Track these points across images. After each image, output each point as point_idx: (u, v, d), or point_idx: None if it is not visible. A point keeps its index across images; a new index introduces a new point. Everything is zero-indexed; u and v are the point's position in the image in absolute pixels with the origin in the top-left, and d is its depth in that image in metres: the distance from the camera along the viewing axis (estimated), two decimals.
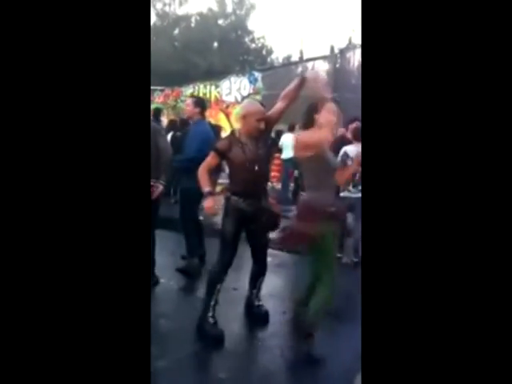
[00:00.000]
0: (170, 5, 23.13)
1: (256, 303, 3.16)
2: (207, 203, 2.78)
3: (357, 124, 5.22)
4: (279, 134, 8.84)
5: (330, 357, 2.45)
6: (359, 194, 4.52)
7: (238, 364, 2.56)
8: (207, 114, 8.41)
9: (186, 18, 23.04)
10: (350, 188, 4.56)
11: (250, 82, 9.28)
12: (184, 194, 4.08)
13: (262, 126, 2.76)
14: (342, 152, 4.59)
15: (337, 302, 3.50)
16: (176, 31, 22.75)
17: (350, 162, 4.50)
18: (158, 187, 3.41)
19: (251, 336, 2.93)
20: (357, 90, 7.60)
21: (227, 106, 9.37)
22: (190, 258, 3.93)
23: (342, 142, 5.01)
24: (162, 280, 3.65)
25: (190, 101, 4.22)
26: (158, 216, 3.56)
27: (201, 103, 4.18)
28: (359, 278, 1.33)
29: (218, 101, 9.54)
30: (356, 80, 8.28)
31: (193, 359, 2.53)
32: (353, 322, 3.18)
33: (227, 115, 9.33)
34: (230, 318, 3.10)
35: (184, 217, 4.00)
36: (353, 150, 4.56)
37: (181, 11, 23.15)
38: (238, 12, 23.49)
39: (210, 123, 4.95)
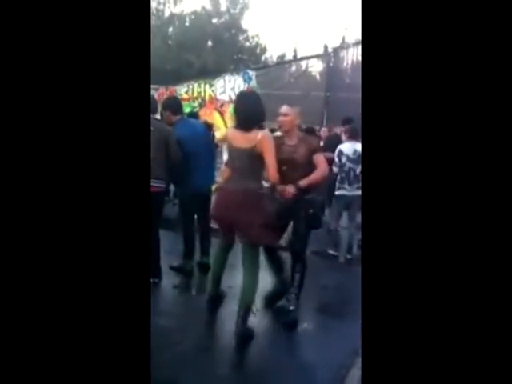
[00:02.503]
0: (164, 4, 23.03)
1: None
2: None
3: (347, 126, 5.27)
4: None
5: (324, 352, 2.47)
6: (355, 192, 4.55)
7: (235, 361, 2.58)
8: (202, 112, 8.42)
9: (180, 16, 22.96)
10: (346, 186, 4.58)
11: (245, 80, 9.25)
12: (181, 198, 4.08)
13: None
14: (337, 150, 4.64)
15: (333, 299, 3.55)
16: (170, 30, 22.67)
17: (344, 159, 4.55)
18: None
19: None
20: (350, 89, 7.62)
21: (222, 105, 9.34)
22: (185, 260, 3.92)
23: (337, 141, 5.07)
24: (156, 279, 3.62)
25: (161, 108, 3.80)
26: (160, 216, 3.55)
27: (168, 105, 3.74)
28: (355, 275, 1.35)
29: (213, 99, 9.50)
30: (350, 79, 8.29)
31: (191, 356, 2.54)
32: (349, 318, 3.22)
33: (222, 114, 9.31)
34: (225, 316, 3.12)
35: (182, 220, 3.97)
36: (348, 147, 4.60)
37: (175, 10, 23.08)
38: (231, 11, 23.42)
39: (194, 119, 4.54)
